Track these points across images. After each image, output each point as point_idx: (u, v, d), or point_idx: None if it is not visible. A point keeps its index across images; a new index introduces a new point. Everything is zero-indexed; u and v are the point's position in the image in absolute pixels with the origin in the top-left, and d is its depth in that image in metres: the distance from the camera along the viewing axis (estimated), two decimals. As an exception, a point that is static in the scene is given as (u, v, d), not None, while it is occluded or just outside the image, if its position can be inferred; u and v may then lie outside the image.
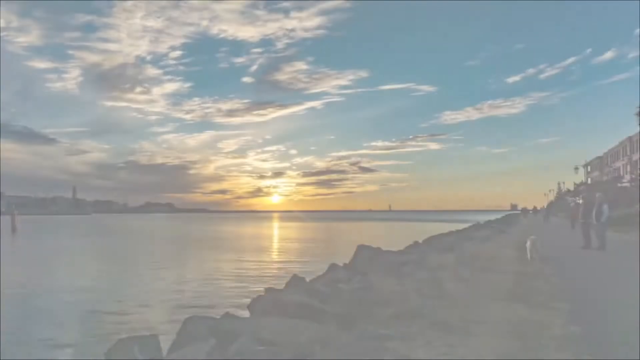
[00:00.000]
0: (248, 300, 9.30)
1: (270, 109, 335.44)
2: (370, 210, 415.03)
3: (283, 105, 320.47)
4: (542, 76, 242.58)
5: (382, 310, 6.75)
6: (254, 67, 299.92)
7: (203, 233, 65.56)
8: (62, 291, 18.12)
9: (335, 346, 5.01)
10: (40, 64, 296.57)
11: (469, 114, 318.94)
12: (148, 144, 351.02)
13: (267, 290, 9.00)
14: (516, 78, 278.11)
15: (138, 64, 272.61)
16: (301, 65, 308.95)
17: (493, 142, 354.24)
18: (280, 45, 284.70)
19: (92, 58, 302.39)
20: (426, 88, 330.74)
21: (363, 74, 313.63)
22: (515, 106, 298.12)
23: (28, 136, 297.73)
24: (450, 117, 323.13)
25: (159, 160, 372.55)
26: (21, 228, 68.79)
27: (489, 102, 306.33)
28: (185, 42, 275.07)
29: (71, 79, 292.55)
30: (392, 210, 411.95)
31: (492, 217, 71.45)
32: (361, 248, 14.96)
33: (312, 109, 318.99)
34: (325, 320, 6.38)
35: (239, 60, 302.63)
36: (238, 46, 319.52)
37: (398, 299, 7.40)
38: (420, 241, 26.25)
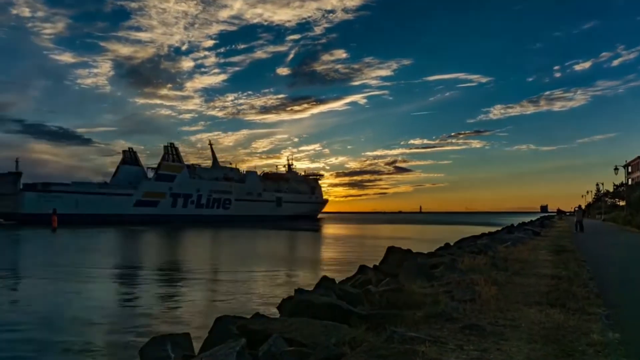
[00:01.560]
0: (277, 301, 9.36)
1: (306, 105, 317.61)
2: (400, 212, 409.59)
3: (320, 101, 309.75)
4: (615, 62, 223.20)
5: (412, 312, 6.68)
6: (290, 57, 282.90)
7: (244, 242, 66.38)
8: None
9: (365, 348, 4.99)
10: (69, 58, 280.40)
11: (523, 108, 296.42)
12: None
13: (297, 291, 9.03)
14: (585, 65, 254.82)
15: (172, 55, 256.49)
16: (341, 54, 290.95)
17: (542, 139, 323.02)
18: (318, 30, 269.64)
19: (123, 50, 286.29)
20: (477, 78, 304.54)
21: (407, 62, 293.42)
22: (576, 98, 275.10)
23: (63, 137, 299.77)
24: (501, 111, 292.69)
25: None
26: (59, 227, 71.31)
27: (547, 93, 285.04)
28: (219, 29, 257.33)
29: (102, 74, 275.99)
30: (423, 212, 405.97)
31: (526, 219, 69.68)
32: (391, 250, 14.82)
33: (351, 104, 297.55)
34: (354, 322, 6.36)
35: (274, 49, 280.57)
36: (273, 32, 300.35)
37: (428, 302, 7.31)
38: (451, 243, 25.90)
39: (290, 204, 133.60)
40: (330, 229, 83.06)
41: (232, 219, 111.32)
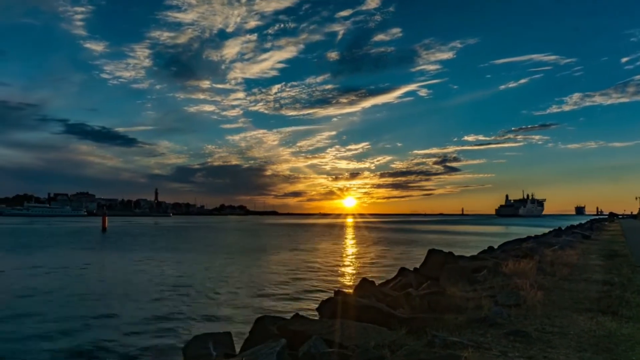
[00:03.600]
0: (317, 302, 9.39)
1: (354, 97, 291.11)
2: (441, 214, 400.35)
3: (370, 93, 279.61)
4: None
5: (453, 316, 6.54)
6: (339, 37, 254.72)
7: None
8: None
9: (405, 352, 4.92)
10: (104, 48, 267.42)
11: (607, 97, 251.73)
12: (224, 145, 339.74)
13: (336, 292, 9.03)
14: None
15: (215, 40, 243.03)
16: (396, 32, 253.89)
17: (616, 134, 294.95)
18: (372, 3, 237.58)
19: (162, 36, 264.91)
20: (554, 60, 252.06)
21: (472, 41, 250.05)
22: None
23: (107, 137, 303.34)
24: (577, 100, 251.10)
25: (234, 161, 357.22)
26: (110, 228, 74.33)
27: (638, 77, 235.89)
28: (265, 8, 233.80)
29: (139, 66, 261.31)
30: (465, 213, 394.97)
31: (576, 222, 66.96)
32: (432, 252, 14.57)
33: (404, 95, 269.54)
34: (394, 325, 6.29)
35: (322, 30, 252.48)
36: (321, 4, 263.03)
37: (471, 306, 7.13)
38: (494, 246, 25.23)
39: None
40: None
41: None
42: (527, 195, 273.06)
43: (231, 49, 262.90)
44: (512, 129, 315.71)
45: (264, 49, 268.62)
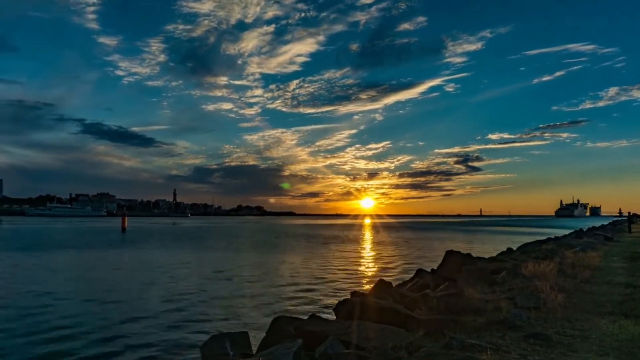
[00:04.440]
0: (334, 303, 9.38)
1: (374, 93, 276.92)
2: (459, 215, 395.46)
3: (392, 88, 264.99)
4: None
5: (472, 318, 6.47)
6: (361, 26, 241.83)
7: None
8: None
9: (423, 354, 4.89)
10: (117, 42, 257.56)
11: None
12: (242, 145, 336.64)
13: (353, 293, 9.01)
14: None
15: (232, 32, 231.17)
16: (421, 21, 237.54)
17: None
18: None
19: (177, 29, 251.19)
20: (592, 50, 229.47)
21: (502, 30, 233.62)
22: None
23: (123, 137, 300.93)
24: (613, 95, 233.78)
25: (251, 161, 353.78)
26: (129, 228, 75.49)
27: None
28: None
29: (153, 61, 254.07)
30: (484, 214, 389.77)
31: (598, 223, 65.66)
32: (450, 254, 14.44)
33: (427, 91, 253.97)
34: (411, 326, 6.26)
35: (344, 19, 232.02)
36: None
37: (489, 308, 7.05)
38: (514, 248, 24.89)
39: None
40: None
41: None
42: (578, 200, 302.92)
43: (249, 42, 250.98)
44: (540, 126, 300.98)
45: (283, 41, 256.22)
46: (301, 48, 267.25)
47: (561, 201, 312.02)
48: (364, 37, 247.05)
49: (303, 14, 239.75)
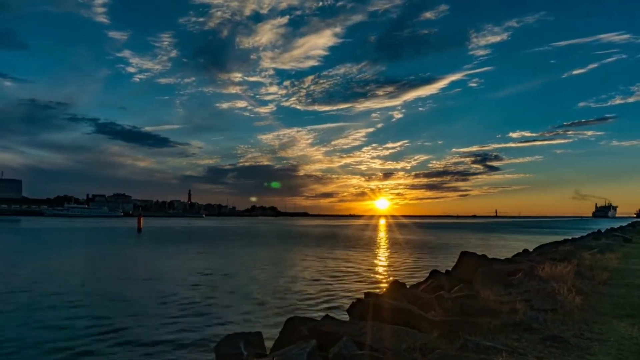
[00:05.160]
0: (347, 304, 9.37)
1: (391, 89, 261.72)
2: (474, 216, 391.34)
3: (410, 84, 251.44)
4: None
5: (487, 320, 6.40)
6: (381, 16, 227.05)
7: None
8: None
9: (437, 356, 4.85)
10: (126, 37, 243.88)
11: None
12: (256, 145, 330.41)
13: (367, 294, 8.99)
14: None
15: (248, 23, 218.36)
16: (444, 10, 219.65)
17: None
18: None
19: (190, 22, 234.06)
20: (627, 41, 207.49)
21: (530, 19, 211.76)
22: None
23: (137, 137, 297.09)
24: None
25: (265, 162, 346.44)
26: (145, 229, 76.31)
27: None
28: None
29: (165, 57, 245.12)
30: (499, 215, 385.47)
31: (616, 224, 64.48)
32: (464, 255, 14.32)
33: (448, 87, 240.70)
34: (425, 328, 6.22)
35: (363, 8, 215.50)
36: None
37: (505, 310, 6.97)
38: (530, 249, 24.59)
39: None
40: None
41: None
42: (610, 203, 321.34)
43: (264, 35, 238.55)
44: (564, 123, 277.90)
45: (298, 34, 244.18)
46: (317, 41, 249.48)
47: (596, 204, 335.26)
48: (383, 28, 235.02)
49: (320, 3, 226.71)
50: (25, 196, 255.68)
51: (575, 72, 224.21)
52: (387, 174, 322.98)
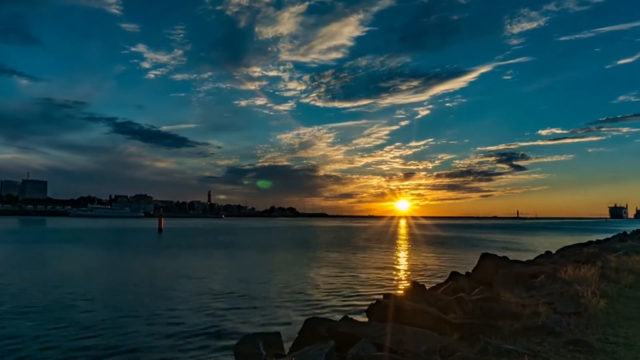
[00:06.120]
0: (366, 305, 9.32)
1: (416, 83, 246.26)
2: (495, 217, 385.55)
3: (437, 77, 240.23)
4: None
5: (508, 323, 6.30)
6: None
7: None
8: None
9: (458, 358, 4.79)
10: (140, 29, 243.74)
11: None
12: (276, 144, 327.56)
13: (386, 296, 8.93)
14: None
15: (267, 10, 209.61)
16: None
17: None
18: None
19: (206, 10, 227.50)
20: None
21: (571, 3, 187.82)
22: None
23: (155, 136, 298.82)
24: None
25: (284, 162, 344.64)
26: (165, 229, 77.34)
27: None
28: None
29: (181, 52, 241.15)
30: (520, 217, 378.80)
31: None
32: (485, 257, 14.12)
33: (479, 78, 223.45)
34: (445, 330, 6.15)
35: None
36: None
37: (527, 313, 6.85)
38: (552, 251, 24.13)
39: None
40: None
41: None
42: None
43: (284, 24, 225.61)
44: (599, 119, 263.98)
45: (320, 22, 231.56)
46: (341, 29, 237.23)
47: (637, 208, 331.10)
48: (409, 14, 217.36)
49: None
50: (50, 197, 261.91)
51: (621, 61, 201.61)
52: (408, 174, 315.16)
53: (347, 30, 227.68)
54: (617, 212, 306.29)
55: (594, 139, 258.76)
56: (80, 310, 15.04)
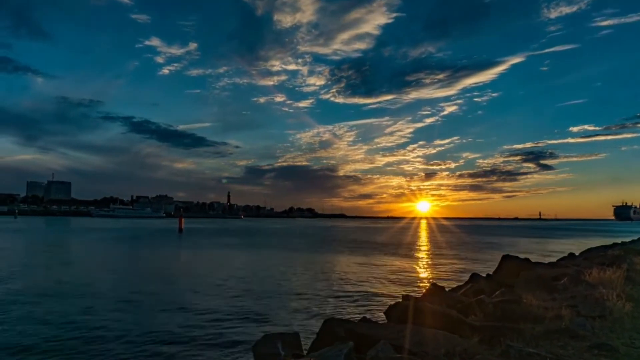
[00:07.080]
0: (385, 306, 9.28)
1: (442, 77, 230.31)
2: (516, 218, 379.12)
3: (464, 69, 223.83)
4: None
5: (530, 326, 6.20)
6: None
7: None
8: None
9: (477, 361, 4.74)
10: (152, 20, 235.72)
11: None
12: (295, 144, 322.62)
13: (405, 297, 8.88)
14: None
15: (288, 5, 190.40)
16: None
17: None
18: None
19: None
20: None
21: None
22: None
23: (173, 135, 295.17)
24: None
25: (303, 162, 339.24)
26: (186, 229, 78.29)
27: None
28: None
29: (195, 46, 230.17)
30: (543, 218, 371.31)
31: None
32: (506, 258, 13.92)
33: (510, 69, 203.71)
34: (465, 332, 6.08)
35: None
36: None
37: (549, 316, 6.73)
38: (576, 253, 23.65)
39: None
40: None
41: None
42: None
43: (306, 11, 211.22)
44: (637, 114, 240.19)
45: (344, 9, 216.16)
46: (363, 17, 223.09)
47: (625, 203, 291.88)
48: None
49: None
50: (74, 197, 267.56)
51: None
52: (430, 174, 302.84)
53: (372, 18, 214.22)
54: (623, 212, 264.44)
55: (629, 135, 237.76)
56: (113, 307, 15.33)
